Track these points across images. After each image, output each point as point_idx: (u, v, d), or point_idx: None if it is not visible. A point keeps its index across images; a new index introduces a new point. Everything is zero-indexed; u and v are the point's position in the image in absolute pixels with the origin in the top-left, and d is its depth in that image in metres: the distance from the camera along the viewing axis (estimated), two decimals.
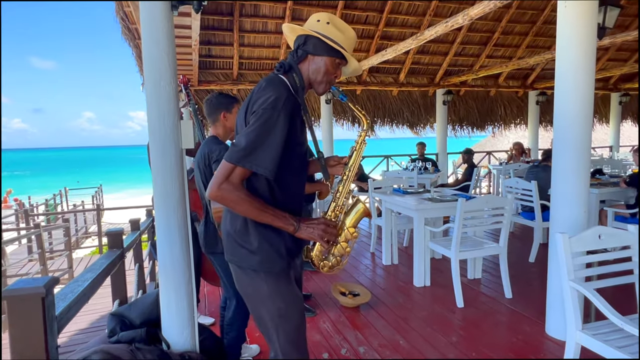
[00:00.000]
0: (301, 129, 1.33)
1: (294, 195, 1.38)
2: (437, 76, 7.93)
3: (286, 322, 1.34)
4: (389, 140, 11.68)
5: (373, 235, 4.81)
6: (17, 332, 0.86)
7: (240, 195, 1.20)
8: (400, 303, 3.24)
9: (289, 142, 1.23)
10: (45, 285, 0.88)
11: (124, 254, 2.17)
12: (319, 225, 1.29)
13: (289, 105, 1.22)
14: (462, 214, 3.04)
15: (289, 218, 1.26)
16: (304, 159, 1.39)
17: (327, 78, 1.31)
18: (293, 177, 1.35)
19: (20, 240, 8.40)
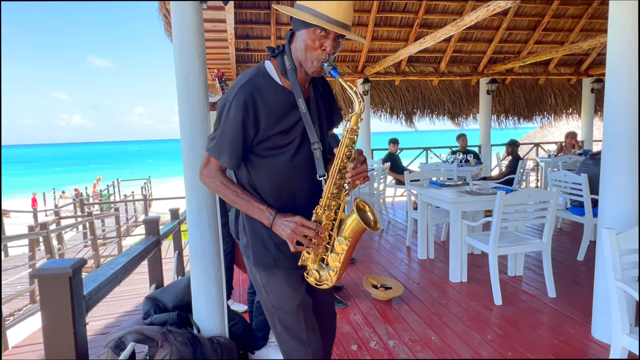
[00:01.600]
0: (279, 115, 1.18)
1: (280, 190, 1.24)
2: (480, 64, 7.60)
3: (280, 313, 1.32)
4: (428, 133, 11.35)
5: (409, 228, 4.72)
6: (47, 309, 0.92)
7: (216, 181, 1.23)
8: (434, 298, 3.16)
9: (254, 131, 1.16)
10: (72, 266, 0.93)
11: (160, 241, 2.26)
12: (291, 223, 1.16)
13: (243, 92, 1.14)
14: (501, 208, 2.90)
15: (266, 210, 1.19)
16: (298, 154, 1.23)
17: (311, 54, 1.14)
18: (277, 174, 1.23)
19: (77, 227, 9.08)
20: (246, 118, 1.14)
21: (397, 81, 7.72)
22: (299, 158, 1.23)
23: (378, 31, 6.67)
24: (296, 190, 1.26)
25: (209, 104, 2.05)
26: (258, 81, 1.18)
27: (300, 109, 1.21)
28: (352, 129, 1.17)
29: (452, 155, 6.69)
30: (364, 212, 1.23)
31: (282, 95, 1.20)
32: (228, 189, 1.22)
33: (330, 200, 1.20)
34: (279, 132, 1.19)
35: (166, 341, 1.79)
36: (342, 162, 1.18)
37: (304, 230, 1.16)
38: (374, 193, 5.72)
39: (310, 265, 1.24)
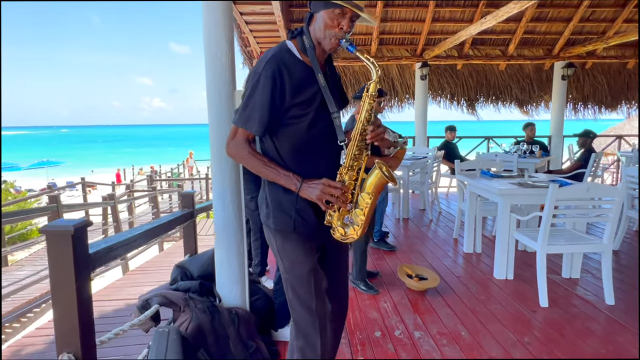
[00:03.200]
0: (302, 87, 1.29)
1: (306, 161, 1.33)
2: (556, 47, 6.90)
3: (292, 278, 1.41)
4: (492, 121, 10.63)
5: (457, 219, 4.50)
6: (52, 262, 1.02)
7: (243, 152, 1.31)
8: (473, 293, 3.00)
9: (281, 100, 1.27)
10: (75, 225, 1.02)
11: (194, 214, 2.39)
12: (318, 185, 1.27)
13: (271, 65, 1.26)
14: (553, 203, 2.64)
15: (293, 177, 1.28)
16: (317, 123, 1.33)
17: (329, 32, 1.27)
18: (300, 140, 1.32)
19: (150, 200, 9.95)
20: (274, 88, 1.24)
21: (459, 65, 7.28)
22: (320, 126, 1.34)
23: (439, 12, 6.31)
24: (318, 156, 1.35)
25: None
26: (283, 56, 1.29)
27: (319, 82, 1.32)
28: (371, 95, 1.30)
29: (516, 145, 6.21)
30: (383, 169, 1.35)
31: (303, 69, 1.31)
32: (255, 158, 1.30)
33: (352, 161, 1.31)
34: (300, 102, 1.29)
35: (187, 307, 1.90)
36: (363, 125, 1.31)
37: (331, 190, 1.26)
38: (426, 182, 5.51)
39: (335, 223, 1.33)
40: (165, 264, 5.40)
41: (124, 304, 3.80)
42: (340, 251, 1.56)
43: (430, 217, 5.43)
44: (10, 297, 4.58)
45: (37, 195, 8.87)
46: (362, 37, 6.70)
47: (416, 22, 6.46)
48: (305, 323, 1.43)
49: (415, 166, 5.47)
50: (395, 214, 5.57)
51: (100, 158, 44.77)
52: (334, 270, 1.54)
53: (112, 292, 4.19)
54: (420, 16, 6.37)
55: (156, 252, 6.81)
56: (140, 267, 5.56)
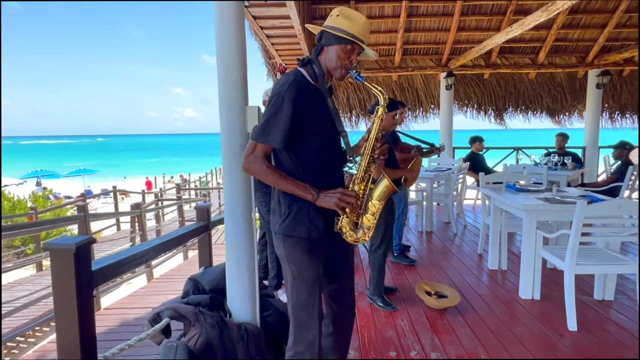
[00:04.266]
0: (316, 109, 1.47)
1: (317, 173, 1.49)
2: (590, 54, 6.62)
3: (299, 284, 1.51)
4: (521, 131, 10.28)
5: (481, 234, 4.34)
6: (54, 279, 1.04)
7: (262, 166, 1.44)
8: (496, 314, 2.87)
9: (300, 118, 1.42)
10: (77, 243, 1.04)
11: (210, 226, 2.41)
12: (336, 193, 1.43)
13: (294, 88, 1.42)
14: (581, 220, 2.50)
15: (309, 188, 1.44)
16: (327, 140, 1.52)
17: (341, 63, 1.47)
18: (312, 155, 1.48)
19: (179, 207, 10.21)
20: (296, 107, 1.41)
21: (486, 74, 7.11)
22: (330, 142, 1.53)
23: (465, 21, 6.20)
24: (329, 168, 1.54)
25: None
26: (301, 81, 1.47)
27: (329, 105, 1.52)
28: (380, 117, 1.52)
29: (546, 157, 5.96)
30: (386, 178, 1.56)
31: (316, 94, 1.49)
32: (275, 172, 1.44)
33: (364, 173, 1.52)
34: (316, 121, 1.47)
35: (197, 321, 1.91)
36: (373, 143, 1.51)
37: (348, 198, 1.43)
38: (450, 194, 5.36)
39: (345, 228, 1.50)
40: (189, 272, 5.49)
41: (146, 312, 3.87)
42: (344, 258, 1.69)
43: (454, 230, 5.28)
44: (42, 301, 4.77)
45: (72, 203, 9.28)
46: (386, 48, 6.66)
47: (441, 32, 6.37)
48: (307, 328, 1.54)
49: (439, 178, 5.35)
50: (418, 227, 5.45)
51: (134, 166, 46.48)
52: (338, 274, 1.67)
53: (135, 300, 4.29)
54: (445, 25, 6.27)
55: (181, 259, 6.95)
56: (164, 275, 5.68)
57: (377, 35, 6.39)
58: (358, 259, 4.20)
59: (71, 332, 1.06)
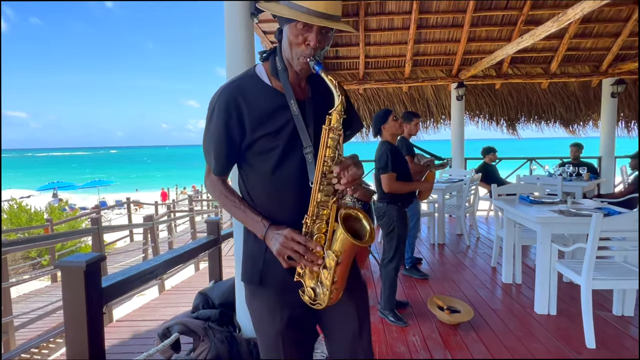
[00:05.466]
0: (266, 117, 1.11)
1: (270, 202, 1.16)
2: (603, 63, 6.54)
3: (260, 338, 1.24)
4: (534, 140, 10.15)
5: (495, 246, 4.26)
6: (65, 296, 1.05)
7: (216, 190, 1.21)
8: (510, 329, 2.80)
9: (238, 134, 1.12)
10: (87, 261, 1.06)
11: (220, 240, 2.42)
12: (280, 236, 1.08)
13: (225, 96, 1.11)
14: (597, 234, 2.44)
15: (260, 222, 1.13)
16: (284, 158, 1.13)
17: (296, 50, 1.09)
18: (264, 178, 1.15)
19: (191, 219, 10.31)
20: (229, 121, 1.10)
21: (497, 85, 7.07)
22: (289, 163, 1.14)
23: (475, 31, 6.20)
24: (287, 197, 1.15)
25: None
26: (243, 83, 1.14)
27: (291, 110, 1.12)
28: (332, 128, 1.06)
29: (561, 167, 5.86)
30: (355, 220, 1.12)
31: (269, 96, 1.13)
32: (227, 198, 1.18)
33: (318, 209, 1.09)
34: (265, 134, 1.12)
35: (207, 336, 1.91)
36: (327, 166, 1.07)
37: (293, 244, 1.07)
38: (462, 206, 5.30)
39: (306, 282, 1.13)
40: (200, 284, 5.51)
41: (157, 324, 3.88)
42: (347, 319, 1.25)
43: (467, 243, 5.20)
44: (57, 312, 4.83)
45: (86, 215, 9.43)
46: (396, 59, 6.69)
47: (451, 43, 6.37)
48: None
49: (451, 189, 5.29)
50: (430, 239, 5.38)
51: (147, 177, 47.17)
52: (343, 338, 1.26)
53: (146, 313, 4.31)
54: (455, 36, 6.28)
55: (192, 271, 6.98)
56: (175, 287, 5.70)
57: (387, 47, 6.42)
58: (369, 271, 4.16)
59: (81, 347, 1.07)
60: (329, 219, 1.10)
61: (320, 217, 1.10)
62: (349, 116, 1.21)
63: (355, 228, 1.11)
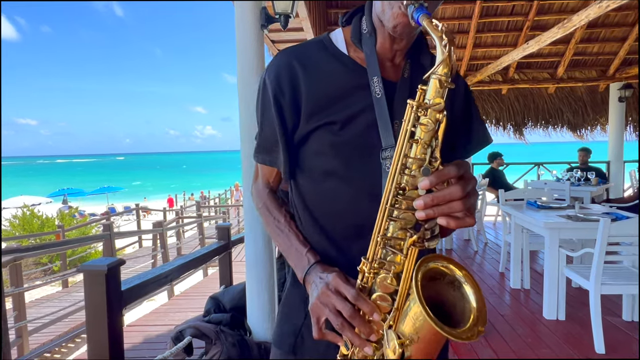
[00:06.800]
0: (334, 98, 0.75)
1: (327, 220, 0.79)
2: (610, 67, 6.53)
3: None
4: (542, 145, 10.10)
5: (502, 252, 4.26)
6: (88, 299, 1.10)
7: (259, 202, 0.87)
8: (519, 335, 2.80)
9: (293, 118, 0.77)
10: (108, 265, 1.11)
11: (230, 245, 2.47)
12: (322, 282, 0.69)
13: (276, 68, 0.78)
14: (605, 239, 2.45)
15: (305, 255, 0.76)
16: (353, 157, 0.76)
17: (389, 1, 0.70)
18: (319, 185, 0.79)
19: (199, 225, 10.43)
20: (280, 97, 0.76)
21: (504, 90, 7.08)
22: (358, 170, 0.76)
23: (481, 37, 6.23)
24: (348, 223, 0.78)
25: None
26: (306, 50, 0.80)
27: (373, 91, 0.74)
28: (424, 106, 0.59)
29: (569, 172, 5.85)
30: (451, 286, 0.63)
31: (342, 69, 0.77)
32: (270, 215, 0.84)
33: (385, 250, 0.64)
34: (327, 123, 0.75)
35: (218, 340, 1.95)
36: (408, 174, 0.61)
37: (335, 299, 0.66)
38: None
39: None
40: (209, 289, 5.55)
41: (167, 329, 3.93)
42: None
43: (475, 248, 5.20)
44: (68, 317, 4.91)
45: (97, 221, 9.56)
46: None
47: (457, 49, 6.39)
48: None
49: None
50: (437, 245, 5.38)
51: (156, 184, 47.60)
52: None
53: (157, 317, 4.36)
54: (461, 42, 6.31)
55: (201, 277, 7.03)
56: (184, 292, 5.76)
57: None
58: None
59: (102, 347, 1.12)
60: (402, 272, 0.64)
61: (388, 264, 0.64)
62: (467, 112, 0.87)
63: (448, 299, 0.63)
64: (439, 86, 0.59)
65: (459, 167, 0.59)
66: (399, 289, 0.64)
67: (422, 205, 0.58)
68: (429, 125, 0.60)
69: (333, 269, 0.72)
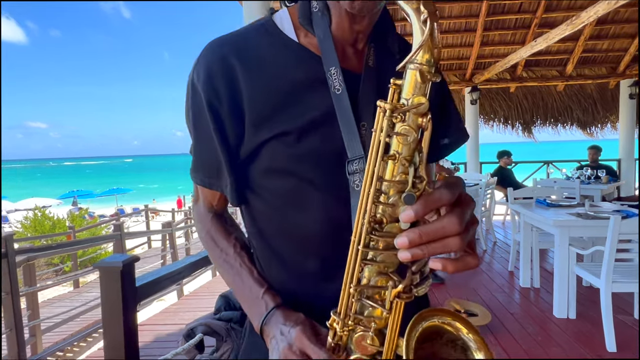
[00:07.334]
0: (286, 102, 0.58)
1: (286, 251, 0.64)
2: (621, 64, 6.46)
3: None
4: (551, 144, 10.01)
5: (512, 250, 4.24)
6: (104, 295, 1.13)
7: (202, 231, 0.71)
8: (529, 333, 2.79)
9: (235, 124, 0.59)
10: (123, 261, 1.13)
11: None
12: (283, 338, 0.55)
13: (207, 60, 0.60)
14: (616, 237, 2.43)
15: (262, 297, 0.61)
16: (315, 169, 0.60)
17: None
18: (273, 209, 0.63)
19: None
20: (215, 104, 0.59)
21: (512, 88, 7.04)
22: (323, 187, 0.60)
23: (488, 35, 6.21)
24: (318, 250, 0.62)
25: None
26: (244, 39, 0.62)
27: (331, 86, 0.58)
28: (400, 109, 0.44)
29: (579, 170, 5.80)
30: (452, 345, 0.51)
31: (292, 60, 0.60)
32: (216, 246, 0.68)
33: (359, 302, 0.49)
34: (282, 133, 0.58)
35: (229, 337, 1.97)
36: (385, 202, 0.46)
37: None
38: (478, 210, 5.28)
39: None
40: (218, 289, 5.60)
41: (177, 328, 3.98)
42: None
43: (483, 247, 5.17)
44: (80, 317, 4.98)
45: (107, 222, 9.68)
46: None
47: (464, 47, 6.39)
48: None
49: None
50: None
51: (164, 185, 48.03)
52: None
53: (167, 317, 4.41)
54: (468, 41, 6.29)
55: (209, 276, 7.09)
56: (193, 292, 5.81)
57: None
58: None
59: (117, 342, 1.15)
60: (385, 328, 0.48)
61: (366, 320, 0.49)
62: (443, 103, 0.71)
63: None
64: (419, 79, 0.43)
65: (452, 189, 0.44)
66: (383, 349, 0.48)
67: (407, 243, 0.42)
68: (410, 134, 0.43)
69: (298, 316, 0.57)
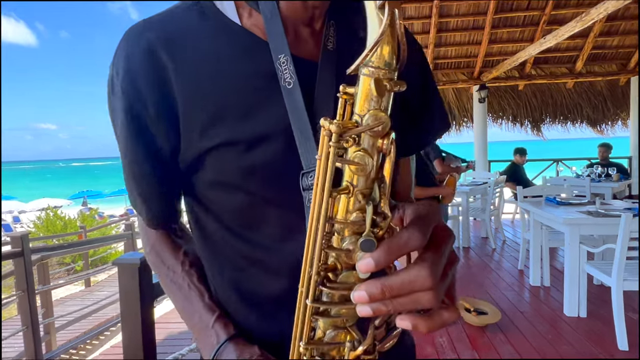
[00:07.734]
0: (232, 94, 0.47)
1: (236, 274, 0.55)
2: (631, 60, 6.39)
3: None
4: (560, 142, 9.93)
5: (521, 249, 4.22)
6: (122, 292, 1.16)
7: (146, 246, 0.62)
8: (539, 332, 2.78)
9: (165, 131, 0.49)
10: (141, 258, 1.16)
11: None
12: None
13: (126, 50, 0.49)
14: (627, 234, 2.42)
15: (212, 326, 0.53)
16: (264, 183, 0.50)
17: None
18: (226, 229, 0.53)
19: None
20: (139, 107, 0.49)
21: (520, 86, 6.99)
22: (280, 203, 0.51)
23: (496, 33, 6.17)
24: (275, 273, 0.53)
25: None
26: (174, 23, 0.50)
27: (280, 79, 0.47)
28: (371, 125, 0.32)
29: (589, 168, 5.75)
30: None
31: (235, 47, 0.49)
32: (162, 264, 0.58)
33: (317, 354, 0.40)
34: (228, 143, 0.48)
35: None
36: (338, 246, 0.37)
37: None
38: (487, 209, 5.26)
39: None
40: None
41: None
42: None
43: (493, 246, 5.15)
44: (92, 315, 5.05)
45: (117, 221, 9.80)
46: None
47: (472, 45, 6.36)
48: None
49: (475, 192, 5.27)
50: (454, 242, 5.35)
51: None
52: None
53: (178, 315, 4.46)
54: (476, 39, 6.26)
55: None
56: None
57: None
58: None
59: (135, 337, 1.18)
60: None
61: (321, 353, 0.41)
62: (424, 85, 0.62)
63: None
64: (374, 91, 0.31)
65: (423, 228, 0.34)
66: None
67: (366, 298, 0.33)
68: (366, 163, 0.33)
69: (253, 351, 0.49)
